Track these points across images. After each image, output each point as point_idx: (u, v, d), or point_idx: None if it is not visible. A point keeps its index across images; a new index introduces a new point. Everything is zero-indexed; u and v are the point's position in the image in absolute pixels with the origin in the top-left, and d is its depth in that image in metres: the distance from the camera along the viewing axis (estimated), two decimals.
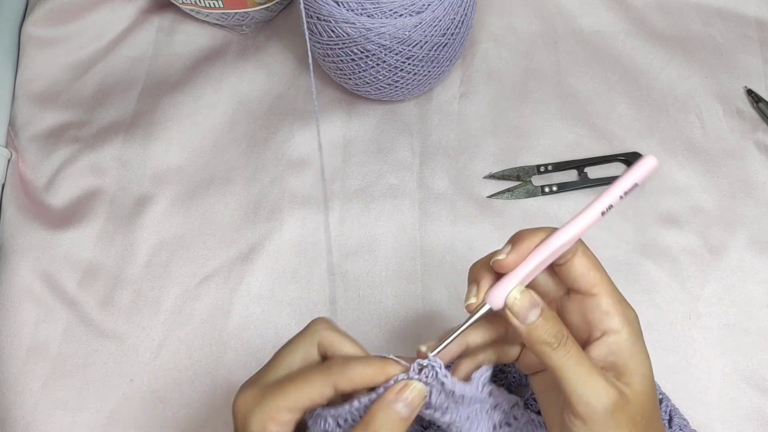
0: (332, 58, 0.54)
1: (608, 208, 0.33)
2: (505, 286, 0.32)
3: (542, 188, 0.57)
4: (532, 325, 0.32)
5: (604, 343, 0.33)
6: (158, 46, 0.67)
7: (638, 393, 0.32)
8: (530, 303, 0.32)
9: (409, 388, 0.32)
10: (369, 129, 0.61)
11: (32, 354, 0.53)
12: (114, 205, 0.58)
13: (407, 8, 0.50)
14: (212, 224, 0.58)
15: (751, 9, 0.64)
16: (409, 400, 0.32)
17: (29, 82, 0.65)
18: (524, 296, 0.32)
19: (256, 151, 0.60)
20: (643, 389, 0.32)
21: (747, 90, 0.61)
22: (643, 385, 0.32)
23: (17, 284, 0.55)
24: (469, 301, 0.34)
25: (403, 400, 0.32)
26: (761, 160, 0.58)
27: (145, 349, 0.53)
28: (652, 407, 0.33)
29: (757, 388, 0.50)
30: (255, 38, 0.66)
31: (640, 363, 0.33)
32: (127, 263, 0.56)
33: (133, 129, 0.62)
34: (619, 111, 0.61)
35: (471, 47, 0.64)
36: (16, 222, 0.58)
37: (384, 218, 0.57)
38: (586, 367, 0.32)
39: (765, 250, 0.55)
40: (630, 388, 0.32)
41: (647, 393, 0.32)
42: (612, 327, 0.33)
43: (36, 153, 0.61)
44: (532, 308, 0.32)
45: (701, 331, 0.52)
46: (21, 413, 0.51)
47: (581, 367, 0.31)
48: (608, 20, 0.65)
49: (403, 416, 0.32)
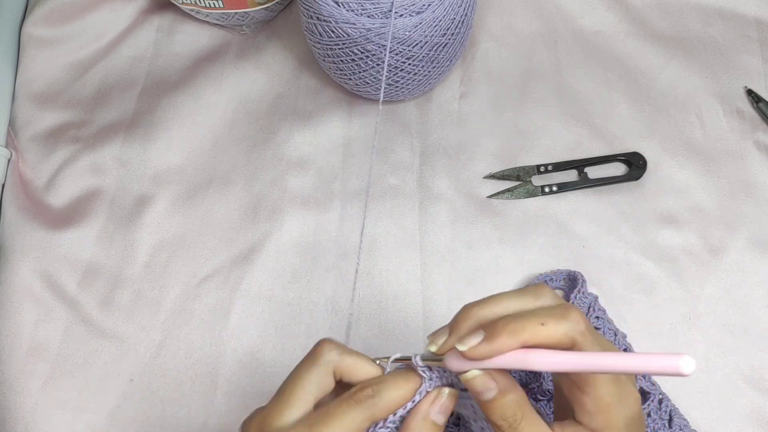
0: (332, 59, 0.54)
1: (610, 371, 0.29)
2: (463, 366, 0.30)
3: (542, 188, 0.57)
4: (487, 403, 0.30)
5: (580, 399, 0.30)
6: (158, 46, 0.67)
7: None
8: (483, 387, 0.30)
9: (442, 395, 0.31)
10: (369, 129, 0.61)
11: (32, 354, 0.53)
12: (114, 205, 0.58)
13: (407, 8, 0.50)
14: (212, 224, 0.58)
15: (751, 9, 0.64)
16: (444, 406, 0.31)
17: (29, 82, 0.65)
18: (479, 380, 0.30)
19: (256, 151, 0.60)
20: None
21: (747, 90, 0.61)
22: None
23: (17, 284, 0.55)
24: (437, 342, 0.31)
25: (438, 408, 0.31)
26: (761, 160, 0.58)
27: (145, 349, 0.53)
28: None
29: (757, 388, 0.50)
30: (255, 38, 0.66)
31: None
32: (127, 263, 0.56)
33: (133, 129, 0.62)
34: (619, 111, 0.61)
35: (471, 47, 0.64)
36: (16, 222, 0.58)
37: (384, 218, 0.57)
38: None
39: (765, 250, 0.55)
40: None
41: None
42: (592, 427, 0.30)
43: (36, 153, 0.61)
44: (487, 391, 0.30)
45: (701, 331, 0.52)
46: (21, 413, 0.51)
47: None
48: (608, 20, 0.65)
49: (440, 423, 0.31)
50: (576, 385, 0.30)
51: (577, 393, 0.30)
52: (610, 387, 0.30)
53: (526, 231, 0.56)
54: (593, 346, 0.29)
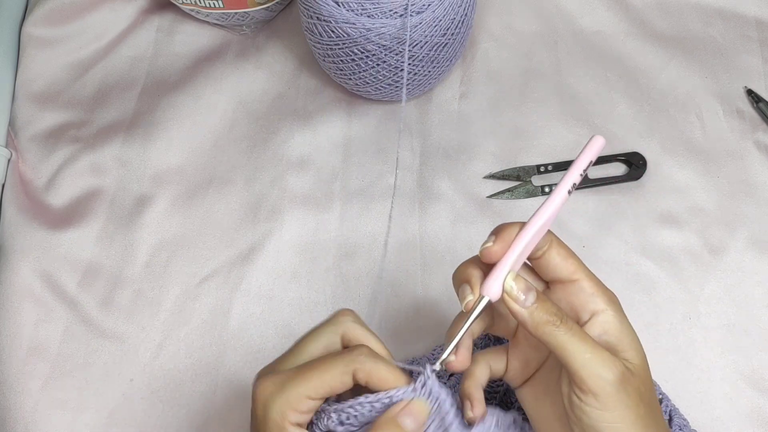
0: (332, 59, 0.54)
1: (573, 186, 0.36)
2: (498, 275, 0.33)
3: (542, 188, 0.57)
4: (533, 308, 0.33)
5: (594, 323, 0.34)
6: (158, 46, 0.67)
7: (638, 366, 0.33)
8: (526, 287, 0.33)
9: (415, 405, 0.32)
10: (369, 129, 0.61)
11: (32, 354, 0.53)
12: (114, 205, 0.58)
13: (406, 8, 0.50)
14: (212, 224, 0.58)
15: (751, 9, 0.64)
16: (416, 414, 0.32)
17: (29, 82, 0.65)
18: (519, 281, 0.33)
19: (256, 151, 0.60)
20: (641, 362, 0.33)
21: (747, 90, 0.61)
22: (639, 358, 0.33)
23: (17, 284, 0.55)
24: (467, 299, 0.34)
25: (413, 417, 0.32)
26: (761, 160, 0.58)
27: (145, 349, 0.53)
28: (650, 381, 0.34)
29: (757, 388, 0.50)
30: (255, 38, 0.66)
31: (632, 338, 0.34)
32: (127, 263, 0.56)
33: (133, 129, 0.62)
34: (619, 111, 0.61)
35: (471, 47, 0.64)
36: (16, 222, 0.58)
37: (384, 218, 0.57)
38: (591, 343, 0.32)
39: (765, 250, 0.55)
40: (630, 362, 0.33)
41: (644, 366, 0.33)
42: (598, 307, 0.34)
43: (36, 153, 0.61)
44: (529, 291, 0.33)
45: (701, 331, 0.52)
46: (21, 413, 0.51)
47: (586, 342, 0.32)
48: (608, 20, 0.65)
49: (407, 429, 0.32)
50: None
51: None
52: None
53: None
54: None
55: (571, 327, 0.32)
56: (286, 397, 0.32)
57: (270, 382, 0.33)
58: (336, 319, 0.35)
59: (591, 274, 0.35)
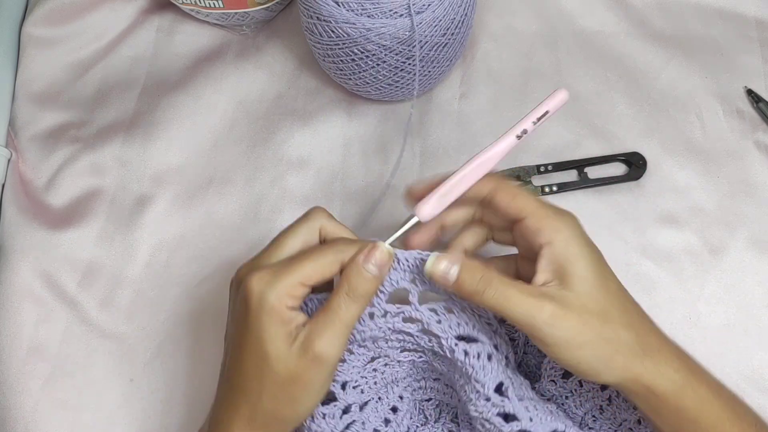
0: (332, 59, 0.54)
1: (523, 132, 0.39)
2: (429, 200, 0.39)
3: (542, 188, 0.57)
4: (457, 282, 0.37)
5: (541, 257, 0.37)
6: (158, 46, 0.67)
7: (581, 293, 0.35)
8: (446, 265, 0.37)
9: (377, 249, 0.37)
10: (369, 129, 0.61)
11: (32, 354, 0.53)
12: (114, 205, 0.58)
13: (407, 8, 0.50)
14: (212, 224, 0.58)
15: (751, 9, 0.64)
16: (377, 259, 0.36)
17: (29, 82, 0.65)
18: (438, 262, 0.37)
19: (256, 151, 0.60)
20: (584, 289, 0.36)
21: (747, 90, 0.61)
22: (582, 284, 0.36)
23: (17, 284, 0.55)
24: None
25: (372, 260, 0.36)
26: (761, 160, 0.58)
27: (145, 349, 0.53)
28: (604, 300, 0.36)
29: (757, 388, 0.50)
30: (255, 38, 0.66)
31: (577, 264, 0.36)
32: (127, 263, 0.56)
33: (133, 129, 0.62)
34: (619, 111, 0.61)
35: (471, 47, 0.64)
36: (16, 222, 0.58)
37: (383, 213, 0.57)
38: (516, 296, 0.35)
39: (765, 250, 0.55)
40: (571, 291, 0.35)
41: (590, 291, 0.36)
42: (543, 240, 0.37)
43: (36, 153, 0.61)
44: (450, 267, 0.37)
45: (701, 331, 0.52)
46: (21, 413, 0.51)
47: (511, 298, 0.35)
48: (608, 20, 0.65)
49: (374, 275, 0.36)
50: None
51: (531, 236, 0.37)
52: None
53: None
54: None
55: (496, 288, 0.35)
56: (283, 285, 0.35)
57: (264, 274, 0.36)
58: (311, 216, 0.40)
59: (537, 208, 0.37)
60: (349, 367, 0.41)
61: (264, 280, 0.36)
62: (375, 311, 0.39)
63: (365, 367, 0.42)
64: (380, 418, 0.44)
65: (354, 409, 0.42)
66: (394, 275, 0.39)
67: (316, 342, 0.35)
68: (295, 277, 0.36)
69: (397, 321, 0.40)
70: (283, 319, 0.36)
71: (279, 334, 0.35)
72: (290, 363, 0.35)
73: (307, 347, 0.35)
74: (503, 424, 0.38)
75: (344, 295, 0.36)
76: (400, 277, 0.39)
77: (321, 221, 0.40)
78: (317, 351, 0.35)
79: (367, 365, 0.43)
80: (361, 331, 0.39)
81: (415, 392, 0.46)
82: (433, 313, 0.39)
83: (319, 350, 0.35)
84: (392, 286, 0.39)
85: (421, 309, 0.39)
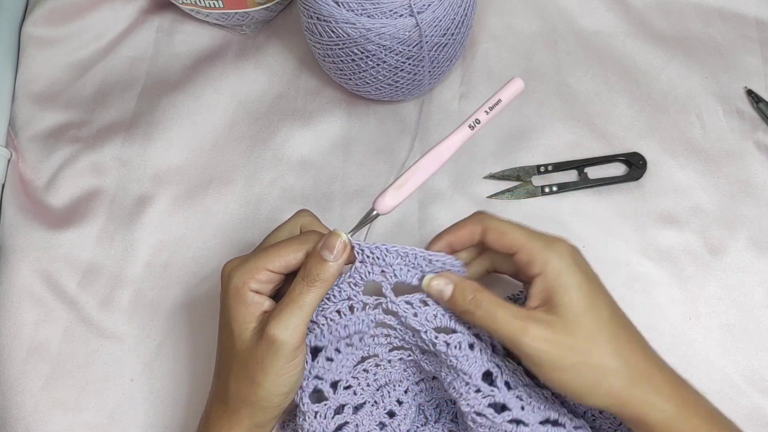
0: (332, 59, 0.54)
1: (475, 122, 0.41)
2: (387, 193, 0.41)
3: (542, 188, 0.57)
4: (450, 300, 0.39)
5: (533, 286, 0.38)
6: (158, 46, 0.67)
7: (568, 320, 0.37)
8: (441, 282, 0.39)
9: (332, 236, 0.39)
10: (369, 129, 0.61)
11: (32, 354, 0.53)
12: (114, 205, 0.58)
13: (407, 8, 0.50)
14: (212, 224, 0.58)
15: (751, 9, 0.64)
16: (330, 244, 0.39)
17: (29, 82, 0.65)
18: (435, 281, 0.40)
19: (256, 151, 0.60)
20: (571, 316, 0.37)
21: (747, 90, 0.61)
22: (569, 312, 0.37)
23: (17, 284, 0.55)
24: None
25: (327, 247, 0.39)
26: (761, 160, 0.58)
27: (145, 349, 0.53)
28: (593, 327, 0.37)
29: (757, 388, 0.50)
30: (255, 38, 0.66)
31: (565, 294, 0.37)
32: (127, 263, 0.56)
33: (133, 129, 0.62)
34: (619, 111, 0.61)
35: (471, 47, 0.64)
36: (16, 222, 0.58)
37: (384, 218, 0.57)
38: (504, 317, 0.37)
39: (765, 250, 0.55)
40: (559, 317, 0.37)
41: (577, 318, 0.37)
42: (534, 272, 0.38)
43: (36, 153, 0.61)
44: (445, 286, 0.39)
45: (701, 331, 0.52)
46: (21, 413, 0.51)
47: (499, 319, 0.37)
48: (608, 20, 0.65)
49: (328, 260, 0.38)
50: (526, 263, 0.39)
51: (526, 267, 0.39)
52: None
53: None
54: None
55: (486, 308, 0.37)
56: (247, 267, 0.39)
57: (235, 260, 0.40)
58: (296, 216, 0.44)
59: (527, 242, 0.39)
60: (338, 366, 0.42)
61: (233, 264, 0.40)
62: (354, 304, 0.41)
63: (356, 367, 0.43)
64: (375, 422, 0.44)
65: (347, 410, 0.42)
66: (362, 268, 0.40)
67: (271, 324, 0.37)
68: (259, 262, 0.39)
69: (378, 313, 0.41)
70: (245, 300, 0.39)
71: (242, 315, 0.39)
72: (250, 344, 0.38)
73: (263, 330, 0.38)
74: (495, 415, 0.39)
75: (300, 279, 0.39)
76: (368, 270, 0.40)
77: (304, 220, 0.43)
78: (270, 333, 0.37)
79: (358, 365, 0.43)
80: (345, 325, 0.41)
81: (417, 396, 0.46)
82: (408, 306, 0.40)
83: (272, 333, 0.37)
84: (362, 278, 0.41)
85: (395, 301, 0.40)
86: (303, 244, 0.40)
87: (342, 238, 0.39)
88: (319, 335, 0.41)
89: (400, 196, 0.41)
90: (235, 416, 0.40)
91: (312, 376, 0.42)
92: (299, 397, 0.41)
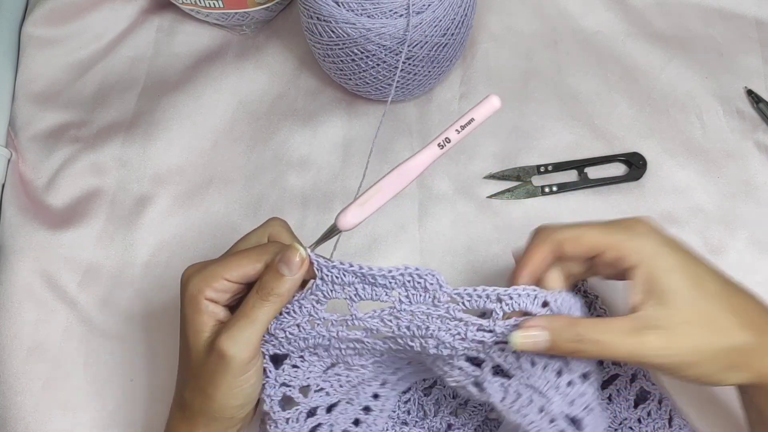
0: (332, 59, 0.54)
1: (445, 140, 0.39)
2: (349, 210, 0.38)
3: (542, 188, 0.57)
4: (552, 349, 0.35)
5: (632, 281, 0.36)
6: (158, 46, 0.67)
7: (681, 308, 0.35)
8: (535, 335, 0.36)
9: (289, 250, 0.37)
10: (369, 129, 0.61)
11: (32, 354, 0.53)
12: (114, 205, 0.58)
13: (407, 8, 0.50)
14: (212, 224, 0.58)
15: (751, 9, 0.64)
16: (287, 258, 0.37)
17: (29, 82, 0.65)
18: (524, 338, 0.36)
19: (256, 151, 0.60)
20: (682, 302, 0.35)
21: (747, 90, 0.61)
22: (679, 298, 0.35)
23: (17, 284, 0.55)
24: None
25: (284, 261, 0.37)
26: (761, 160, 0.58)
27: (145, 349, 0.53)
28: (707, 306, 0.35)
29: None
30: (255, 38, 0.66)
31: (668, 279, 0.35)
32: (127, 263, 0.56)
33: (133, 129, 0.62)
34: (619, 111, 0.61)
35: (471, 47, 0.64)
36: (16, 222, 0.58)
37: (384, 218, 0.57)
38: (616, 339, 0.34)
39: (765, 250, 0.54)
40: (670, 308, 0.35)
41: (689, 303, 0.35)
42: (628, 266, 0.36)
43: (36, 153, 0.61)
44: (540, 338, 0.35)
45: None
46: (21, 413, 0.51)
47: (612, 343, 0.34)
48: (608, 20, 0.65)
49: (283, 274, 0.37)
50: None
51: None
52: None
53: (526, 231, 0.56)
54: None
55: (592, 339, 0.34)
56: (203, 275, 0.37)
57: (195, 265, 0.39)
58: (266, 224, 0.42)
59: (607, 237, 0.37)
60: (305, 372, 0.41)
61: (191, 271, 0.38)
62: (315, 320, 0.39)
63: (326, 372, 0.42)
64: (350, 419, 0.43)
65: (320, 412, 0.42)
66: (324, 286, 0.38)
67: (221, 337, 0.36)
68: (217, 270, 0.37)
69: (341, 330, 0.39)
70: (199, 308, 0.37)
71: (197, 323, 0.37)
72: (203, 355, 0.37)
73: (213, 342, 0.37)
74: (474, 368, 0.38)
75: (255, 293, 0.37)
76: (329, 289, 0.38)
77: (272, 229, 0.41)
78: (219, 347, 0.36)
79: (328, 370, 0.42)
80: (304, 338, 0.39)
81: (396, 384, 0.45)
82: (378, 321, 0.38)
83: (221, 346, 0.36)
84: (326, 297, 0.38)
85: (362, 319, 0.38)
86: (263, 255, 0.38)
87: (300, 252, 0.37)
88: (278, 345, 0.40)
89: (362, 213, 0.39)
90: (193, 426, 0.39)
91: (278, 384, 0.40)
92: (268, 405, 0.40)
